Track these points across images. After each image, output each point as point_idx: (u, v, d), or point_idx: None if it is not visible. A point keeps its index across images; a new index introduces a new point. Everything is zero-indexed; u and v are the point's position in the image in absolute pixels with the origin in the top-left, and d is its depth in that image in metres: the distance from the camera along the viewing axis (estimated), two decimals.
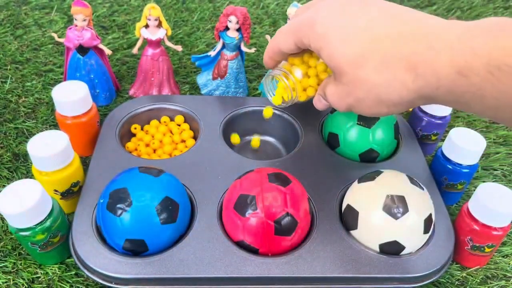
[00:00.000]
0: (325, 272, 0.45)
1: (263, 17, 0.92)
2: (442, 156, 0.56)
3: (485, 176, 0.63)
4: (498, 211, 0.46)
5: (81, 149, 0.59)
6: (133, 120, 0.63)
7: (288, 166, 0.56)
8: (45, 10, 0.88)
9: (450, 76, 0.32)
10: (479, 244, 0.49)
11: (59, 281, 0.47)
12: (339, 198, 0.53)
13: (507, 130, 0.71)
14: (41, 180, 0.49)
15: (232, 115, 0.64)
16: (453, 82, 0.32)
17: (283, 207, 0.45)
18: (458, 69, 0.31)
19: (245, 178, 0.48)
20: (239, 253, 0.46)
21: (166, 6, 0.93)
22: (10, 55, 0.77)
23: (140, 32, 0.64)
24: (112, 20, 0.87)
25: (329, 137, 0.59)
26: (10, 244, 0.50)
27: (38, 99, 0.69)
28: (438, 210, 0.51)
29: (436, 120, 0.61)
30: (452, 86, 0.32)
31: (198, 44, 0.83)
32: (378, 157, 0.58)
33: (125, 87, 0.73)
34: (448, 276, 0.51)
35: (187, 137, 0.63)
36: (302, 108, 0.65)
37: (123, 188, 0.45)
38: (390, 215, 0.45)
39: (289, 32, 0.42)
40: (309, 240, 0.48)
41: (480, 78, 0.31)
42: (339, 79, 0.39)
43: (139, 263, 0.45)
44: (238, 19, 0.62)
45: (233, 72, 0.67)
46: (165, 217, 0.45)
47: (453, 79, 0.32)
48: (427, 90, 0.34)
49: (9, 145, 0.61)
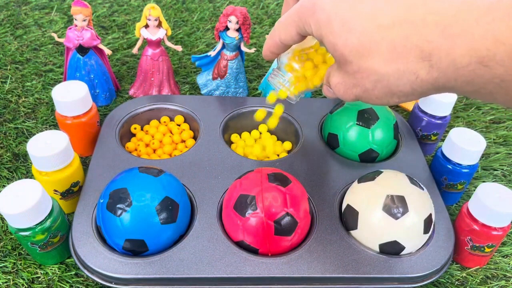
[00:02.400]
0: (325, 272, 0.45)
1: (263, 17, 0.92)
2: (442, 156, 0.56)
3: (485, 176, 0.63)
4: (498, 211, 0.46)
5: (81, 149, 0.59)
6: (133, 120, 0.63)
7: (288, 166, 0.56)
8: (45, 10, 0.88)
9: (470, 66, 0.29)
10: (479, 244, 0.49)
11: (59, 281, 0.47)
12: (339, 198, 0.53)
13: (507, 130, 0.71)
14: (41, 180, 0.49)
15: (232, 115, 0.64)
16: (473, 72, 0.29)
17: (283, 207, 0.45)
18: (478, 59, 0.28)
19: (245, 178, 0.48)
20: (239, 253, 0.46)
21: (166, 6, 0.93)
22: (10, 55, 0.77)
23: (140, 32, 0.64)
24: (112, 20, 0.87)
25: (329, 137, 0.60)
26: (10, 244, 0.50)
27: (38, 99, 0.69)
28: (438, 210, 0.51)
29: (436, 120, 0.61)
30: (472, 76, 0.29)
31: (198, 44, 0.83)
32: (378, 157, 0.58)
33: (125, 87, 0.73)
34: (448, 276, 0.51)
35: (187, 137, 0.63)
36: (302, 108, 0.65)
37: (123, 188, 0.45)
38: (390, 215, 0.45)
39: (289, 22, 0.38)
40: (309, 240, 0.48)
41: (504, 69, 0.27)
42: (344, 68, 0.36)
43: (139, 263, 0.45)
44: (238, 19, 0.62)
45: (233, 72, 0.67)
46: (165, 217, 0.45)
47: (473, 69, 0.29)
48: (443, 81, 0.31)
49: (9, 145, 0.61)
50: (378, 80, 0.34)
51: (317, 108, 0.65)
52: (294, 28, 0.38)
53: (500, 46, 0.27)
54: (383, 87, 0.34)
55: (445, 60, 0.30)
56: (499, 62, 0.27)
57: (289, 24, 0.38)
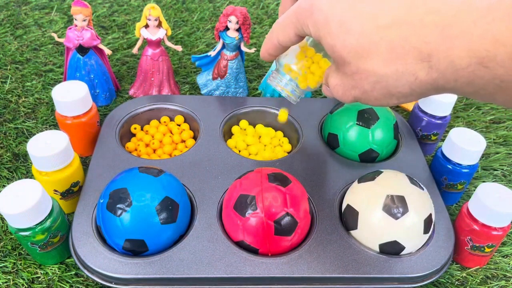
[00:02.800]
0: (325, 272, 0.45)
1: (263, 17, 0.92)
2: (442, 156, 0.56)
3: (485, 176, 0.63)
4: (498, 211, 0.46)
5: (81, 149, 0.59)
6: (133, 120, 0.63)
7: (288, 166, 0.56)
8: (45, 10, 0.88)
9: (470, 67, 0.28)
10: (479, 244, 0.49)
11: (59, 281, 0.47)
12: (339, 198, 0.53)
13: (507, 130, 0.71)
14: (41, 180, 0.49)
15: (232, 115, 0.64)
16: (473, 73, 0.28)
17: (283, 207, 0.45)
18: (478, 60, 0.28)
19: (245, 178, 0.48)
20: (239, 253, 0.46)
21: (166, 6, 0.93)
22: (10, 55, 0.77)
23: (140, 32, 0.64)
24: (112, 20, 0.87)
25: (329, 137, 0.60)
26: (10, 244, 0.50)
27: (38, 99, 0.69)
28: (438, 210, 0.51)
29: (436, 120, 0.61)
30: (472, 77, 0.29)
31: (198, 44, 0.83)
32: (378, 157, 0.58)
33: (125, 87, 0.73)
34: (448, 276, 0.51)
35: (187, 137, 0.63)
36: (302, 108, 0.65)
37: (123, 188, 0.45)
38: (390, 215, 0.45)
39: (287, 23, 0.38)
40: (309, 240, 0.48)
41: (505, 69, 0.27)
42: (342, 70, 0.36)
43: (139, 263, 0.45)
44: (238, 19, 0.62)
45: (233, 72, 0.67)
46: (165, 217, 0.45)
47: (473, 70, 0.28)
48: (442, 82, 0.31)
49: (9, 145, 0.61)
50: (377, 81, 0.34)
51: (317, 108, 0.65)
52: (292, 29, 0.38)
53: (500, 47, 0.27)
54: (382, 88, 0.34)
55: (444, 61, 0.30)
56: (500, 63, 0.27)
57: (287, 26, 0.38)
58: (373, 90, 0.35)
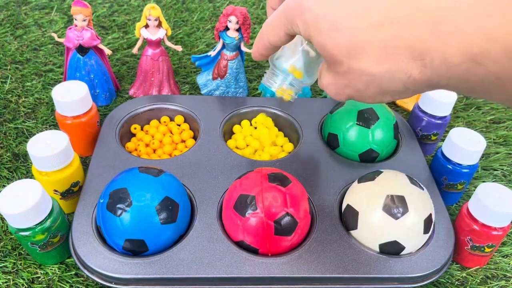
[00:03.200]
0: (325, 272, 0.45)
1: (263, 17, 0.92)
2: (442, 156, 0.56)
3: (485, 176, 0.63)
4: (498, 211, 0.46)
5: (81, 149, 0.59)
6: (133, 120, 0.63)
7: (288, 166, 0.56)
8: (45, 10, 0.88)
9: (463, 65, 0.28)
10: (479, 244, 0.49)
11: (59, 281, 0.47)
12: (339, 198, 0.53)
13: (507, 130, 0.71)
14: (41, 180, 0.49)
15: (232, 115, 0.64)
16: (467, 70, 0.28)
17: (283, 207, 0.45)
18: (471, 57, 0.27)
19: (245, 178, 0.48)
20: (239, 253, 0.46)
21: (166, 6, 0.93)
22: (10, 55, 0.77)
23: (140, 32, 0.64)
24: (112, 20, 0.87)
25: (329, 137, 0.59)
26: (10, 244, 0.50)
27: (38, 99, 0.69)
28: (438, 210, 0.51)
29: (436, 120, 0.61)
30: (466, 75, 0.28)
31: (198, 44, 0.83)
32: (378, 157, 0.58)
33: (125, 87, 0.73)
34: (448, 276, 0.51)
35: (187, 137, 0.63)
36: (302, 108, 0.65)
37: (123, 188, 0.45)
38: (390, 215, 0.45)
39: (277, 23, 0.37)
40: (309, 240, 0.48)
41: (499, 66, 0.27)
42: (335, 69, 0.35)
43: (139, 263, 0.45)
44: (238, 19, 0.62)
45: (233, 72, 0.67)
46: (165, 217, 0.45)
47: (466, 67, 0.28)
48: (436, 80, 0.30)
49: (9, 145, 0.61)
50: (370, 81, 0.33)
51: (317, 108, 0.65)
52: (282, 29, 0.37)
53: (493, 43, 0.26)
54: (375, 87, 0.34)
55: (437, 59, 0.29)
56: (493, 59, 0.27)
57: (277, 26, 0.38)
58: (367, 89, 0.34)
